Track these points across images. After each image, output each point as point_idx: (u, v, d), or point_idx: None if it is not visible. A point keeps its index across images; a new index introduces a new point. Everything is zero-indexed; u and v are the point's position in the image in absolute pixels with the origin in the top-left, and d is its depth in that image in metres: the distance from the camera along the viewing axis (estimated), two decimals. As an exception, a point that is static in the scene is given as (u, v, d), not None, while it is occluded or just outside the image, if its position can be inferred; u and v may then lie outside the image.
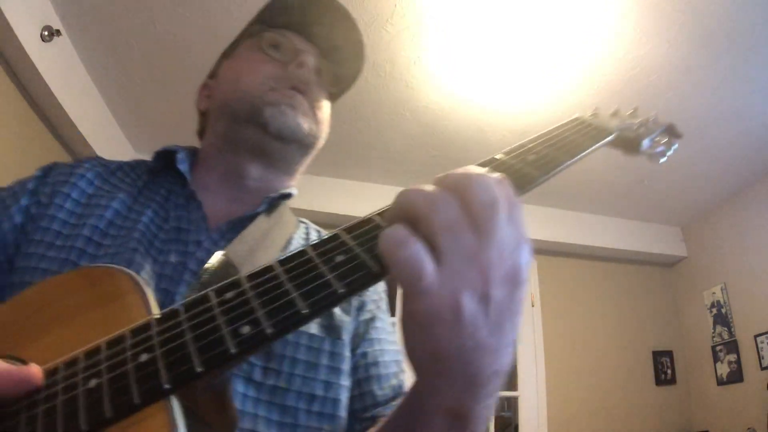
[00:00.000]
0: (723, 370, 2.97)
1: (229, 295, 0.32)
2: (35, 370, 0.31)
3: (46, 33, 1.97)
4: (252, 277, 0.32)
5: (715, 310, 3.11)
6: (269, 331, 0.29)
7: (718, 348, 3.04)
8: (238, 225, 0.60)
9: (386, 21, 1.98)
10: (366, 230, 0.33)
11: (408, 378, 0.64)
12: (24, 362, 0.33)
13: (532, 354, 3.01)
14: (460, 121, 2.58)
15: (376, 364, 0.61)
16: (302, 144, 0.66)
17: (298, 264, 0.32)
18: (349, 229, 0.34)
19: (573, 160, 0.44)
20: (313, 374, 0.54)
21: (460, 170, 0.33)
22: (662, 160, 0.61)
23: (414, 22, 1.98)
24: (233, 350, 0.29)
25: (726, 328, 3.01)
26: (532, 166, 0.40)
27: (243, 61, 0.69)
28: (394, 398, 0.60)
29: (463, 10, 1.94)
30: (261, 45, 0.68)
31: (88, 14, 2.05)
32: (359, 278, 0.31)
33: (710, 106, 2.37)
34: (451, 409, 0.34)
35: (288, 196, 0.68)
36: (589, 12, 1.92)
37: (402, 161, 2.93)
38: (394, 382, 0.62)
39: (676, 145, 0.62)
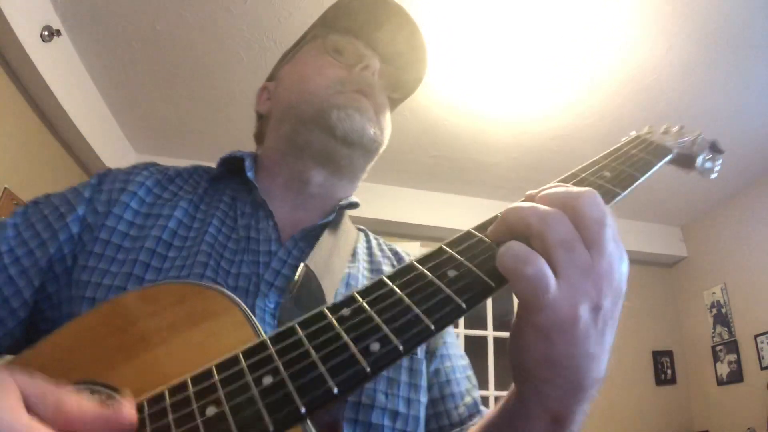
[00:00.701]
0: (723, 370, 2.97)
1: (345, 312, 0.31)
2: (126, 413, 0.27)
3: (46, 33, 1.97)
4: (366, 293, 0.32)
5: (715, 310, 3.11)
6: (401, 348, 0.28)
7: (718, 348, 3.04)
8: (309, 234, 0.60)
9: (386, 21, 1.98)
10: (471, 245, 0.34)
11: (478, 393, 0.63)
12: (115, 390, 0.31)
13: (532, 354, 3.01)
14: (461, 122, 2.58)
15: (449, 381, 0.60)
16: (367, 150, 0.65)
17: (410, 279, 0.32)
18: (451, 244, 0.34)
19: (645, 176, 0.46)
20: (395, 390, 0.53)
21: (561, 187, 0.35)
22: (713, 176, 0.65)
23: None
24: (368, 369, 0.28)
25: (726, 328, 3.01)
26: (612, 183, 0.41)
27: (307, 64, 0.68)
28: (470, 417, 0.60)
29: (463, 12, 1.94)
30: (325, 48, 0.68)
31: (88, 14, 2.05)
32: (477, 292, 0.31)
33: (710, 106, 2.37)
34: (554, 413, 0.36)
35: (355, 205, 0.67)
36: (588, 12, 1.92)
37: (402, 161, 2.93)
38: (468, 400, 0.61)
39: (721, 160, 0.66)
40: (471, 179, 3.10)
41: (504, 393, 0.44)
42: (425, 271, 0.33)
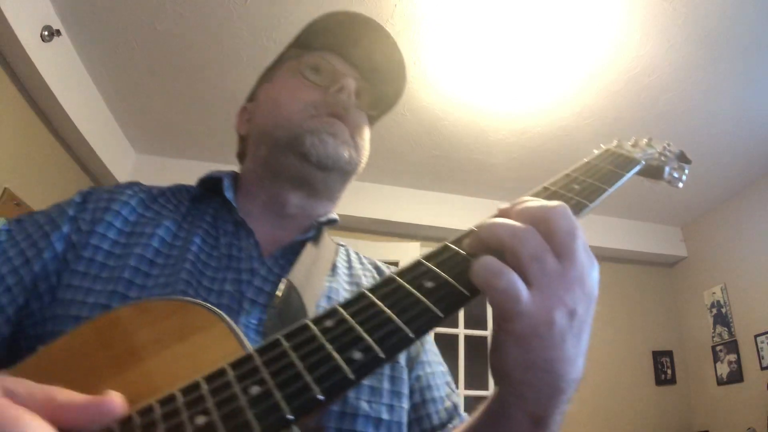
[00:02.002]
0: (723, 370, 2.97)
1: (329, 323, 0.32)
2: (115, 400, 0.28)
3: (46, 33, 1.97)
4: (348, 305, 0.33)
5: (715, 310, 3.11)
6: (382, 355, 0.30)
7: (718, 348, 3.04)
8: (289, 251, 0.61)
9: (386, 21, 1.97)
10: (447, 258, 0.36)
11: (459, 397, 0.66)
12: None
13: (532, 354, 3.00)
14: (460, 121, 2.58)
15: (429, 387, 0.62)
16: (343, 172, 0.66)
17: (390, 291, 0.34)
18: (428, 258, 0.37)
19: (613, 188, 0.49)
20: (378, 398, 0.54)
21: (533, 202, 0.37)
22: (680, 185, 0.68)
23: (414, 22, 1.98)
24: (351, 376, 0.29)
25: (726, 328, 3.01)
26: (581, 196, 0.44)
27: (282, 86, 0.68)
28: (450, 420, 0.61)
29: (463, 12, 1.94)
30: (300, 69, 0.68)
31: (88, 14, 2.05)
32: (453, 302, 0.33)
33: (710, 106, 2.37)
34: (535, 415, 0.38)
35: (334, 221, 0.68)
36: (589, 12, 1.92)
37: (402, 161, 2.93)
38: (448, 404, 0.62)
39: (687, 170, 0.69)
40: (471, 179, 3.10)
41: (473, 392, 0.45)
42: (404, 282, 0.34)
